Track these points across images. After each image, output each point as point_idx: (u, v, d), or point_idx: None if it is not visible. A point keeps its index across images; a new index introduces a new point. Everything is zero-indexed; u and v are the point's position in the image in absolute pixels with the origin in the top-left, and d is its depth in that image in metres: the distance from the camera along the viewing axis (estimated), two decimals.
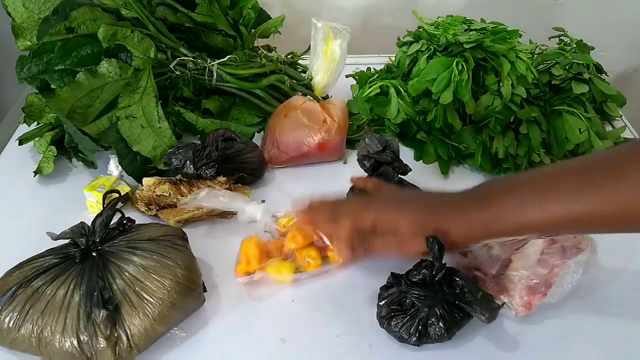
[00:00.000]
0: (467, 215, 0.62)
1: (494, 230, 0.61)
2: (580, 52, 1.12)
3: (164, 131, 0.95)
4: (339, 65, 1.05)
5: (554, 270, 0.71)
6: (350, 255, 0.68)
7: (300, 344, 0.70)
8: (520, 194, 0.59)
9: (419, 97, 1.02)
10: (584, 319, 0.73)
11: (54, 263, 0.69)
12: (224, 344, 0.70)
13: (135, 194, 0.89)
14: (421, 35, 1.08)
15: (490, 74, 1.00)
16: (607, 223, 0.58)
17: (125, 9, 1.00)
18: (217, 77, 1.03)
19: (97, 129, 0.95)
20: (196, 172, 0.88)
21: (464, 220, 0.62)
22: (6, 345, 0.66)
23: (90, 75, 0.96)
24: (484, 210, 0.61)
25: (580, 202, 0.56)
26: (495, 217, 0.60)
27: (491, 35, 1.01)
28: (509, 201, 0.59)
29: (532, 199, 0.58)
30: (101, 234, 0.71)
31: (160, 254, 0.70)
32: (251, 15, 1.16)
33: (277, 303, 0.76)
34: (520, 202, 0.59)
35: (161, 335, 0.68)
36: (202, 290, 0.73)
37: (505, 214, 0.59)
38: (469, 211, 0.62)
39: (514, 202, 0.59)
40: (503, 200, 0.60)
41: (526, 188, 0.60)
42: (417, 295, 0.67)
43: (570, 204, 0.56)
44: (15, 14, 1.01)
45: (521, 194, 0.59)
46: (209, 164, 0.88)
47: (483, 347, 0.70)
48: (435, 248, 0.68)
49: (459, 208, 0.63)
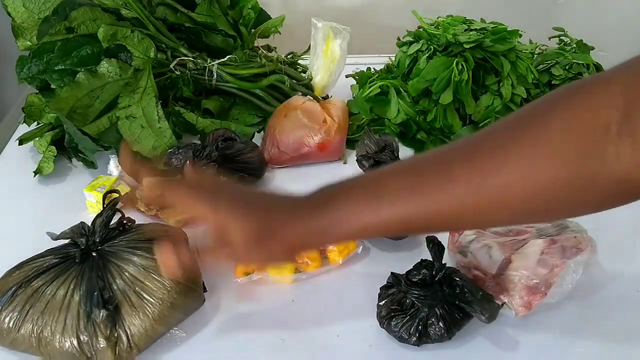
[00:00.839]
0: (306, 222, 0.55)
1: (333, 235, 0.56)
2: (580, 52, 1.12)
3: (164, 131, 0.95)
4: (339, 65, 1.06)
5: (554, 270, 0.71)
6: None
7: (300, 344, 0.70)
8: (357, 198, 0.54)
9: (419, 97, 1.02)
10: (584, 319, 0.73)
11: (54, 263, 0.69)
12: (224, 344, 0.70)
13: (135, 193, 0.89)
14: (421, 35, 1.08)
15: (490, 74, 1.00)
16: (444, 223, 0.55)
17: (125, 9, 1.00)
18: (217, 77, 1.03)
19: (97, 129, 0.95)
20: None
21: (302, 227, 0.55)
22: (6, 345, 0.66)
23: (90, 75, 0.96)
24: (323, 216, 0.55)
25: (413, 204, 0.52)
26: (334, 223, 0.54)
27: (491, 35, 1.01)
28: (347, 206, 0.54)
29: (368, 203, 0.53)
30: (101, 234, 0.71)
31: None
32: (251, 15, 1.16)
33: (277, 303, 0.76)
34: (357, 206, 0.54)
35: (161, 335, 0.68)
36: (202, 290, 0.73)
37: (344, 218, 0.54)
38: (308, 217, 0.55)
39: (352, 207, 0.54)
40: (342, 204, 0.54)
41: (365, 190, 0.55)
42: (417, 295, 0.67)
43: (404, 206, 0.52)
44: (15, 14, 1.01)
45: (358, 198, 0.54)
46: (208, 164, 0.88)
47: (483, 347, 0.70)
48: (435, 248, 0.68)
49: (298, 213, 0.56)
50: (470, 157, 0.51)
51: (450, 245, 0.79)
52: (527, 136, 0.48)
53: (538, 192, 0.48)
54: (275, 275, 0.77)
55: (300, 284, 0.78)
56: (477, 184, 0.50)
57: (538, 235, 0.76)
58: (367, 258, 0.82)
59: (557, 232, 0.76)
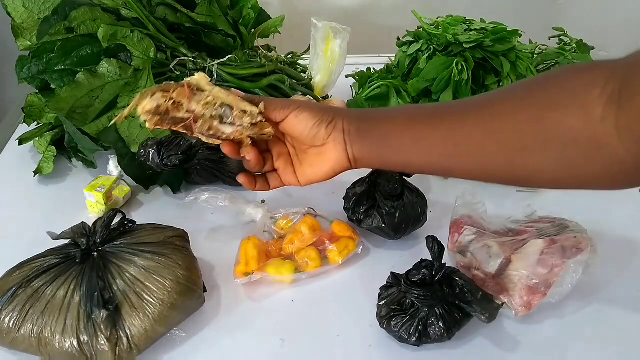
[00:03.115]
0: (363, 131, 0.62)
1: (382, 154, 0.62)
2: (580, 52, 1.12)
3: (162, 132, 0.95)
4: (339, 65, 1.06)
5: (554, 270, 0.71)
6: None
7: (300, 344, 0.70)
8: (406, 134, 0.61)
9: (419, 97, 1.02)
10: (584, 319, 0.74)
11: (55, 263, 0.69)
12: (224, 344, 0.70)
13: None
14: (421, 35, 1.08)
15: (490, 74, 1.00)
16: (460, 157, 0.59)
17: (125, 9, 1.00)
18: (217, 77, 1.03)
19: (96, 128, 0.95)
20: (162, 162, 0.88)
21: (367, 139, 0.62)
22: (6, 345, 0.66)
23: (90, 75, 0.96)
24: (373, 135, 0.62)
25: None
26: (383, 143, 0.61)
27: (491, 35, 1.01)
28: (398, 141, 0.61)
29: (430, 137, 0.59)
30: (102, 235, 0.71)
31: (161, 254, 0.70)
32: (251, 15, 1.16)
33: (277, 303, 0.76)
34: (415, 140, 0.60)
35: (161, 335, 0.68)
36: (203, 291, 0.73)
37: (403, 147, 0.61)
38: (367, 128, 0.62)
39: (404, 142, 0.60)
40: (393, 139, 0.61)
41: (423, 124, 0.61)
42: (417, 295, 0.67)
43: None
44: (15, 14, 1.01)
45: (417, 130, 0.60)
46: (175, 155, 0.88)
47: (483, 347, 0.70)
48: (436, 248, 0.68)
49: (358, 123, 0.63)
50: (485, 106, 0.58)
51: (450, 245, 0.79)
52: (534, 89, 0.55)
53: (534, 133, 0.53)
54: (275, 275, 0.77)
55: (300, 284, 0.78)
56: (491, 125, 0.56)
57: (538, 235, 0.76)
58: (367, 258, 0.82)
59: (557, 232, 0.76)
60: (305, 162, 0.66)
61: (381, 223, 0.81)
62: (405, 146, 0.60)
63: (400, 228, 0.81)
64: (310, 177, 0.66)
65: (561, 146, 0.51)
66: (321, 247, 0.80)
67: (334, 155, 0.63)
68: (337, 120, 0.62)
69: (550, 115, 0.51)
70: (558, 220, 0.79)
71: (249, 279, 0.76)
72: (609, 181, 0.52)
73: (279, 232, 0.83)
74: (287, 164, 0.67)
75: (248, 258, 0.77)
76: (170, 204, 0.93)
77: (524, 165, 0.54)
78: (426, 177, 0.97)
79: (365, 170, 0.85)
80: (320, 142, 0.63)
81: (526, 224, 0.80)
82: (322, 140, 0.62)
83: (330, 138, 0.62)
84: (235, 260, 0.79)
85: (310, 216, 0.84)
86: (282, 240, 0.82)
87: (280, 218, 0.85)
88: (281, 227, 0.83)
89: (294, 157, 0.67)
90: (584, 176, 0.52)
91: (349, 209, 0.84)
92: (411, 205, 0.82)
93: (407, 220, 0.81)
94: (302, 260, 0.78)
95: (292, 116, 0.62)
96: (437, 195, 0.92)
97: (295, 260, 0.79)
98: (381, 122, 0.62)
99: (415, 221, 0.83)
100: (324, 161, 0.64)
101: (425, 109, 0.64)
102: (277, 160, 0.67)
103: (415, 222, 0.83)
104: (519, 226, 0.80)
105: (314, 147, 0.64)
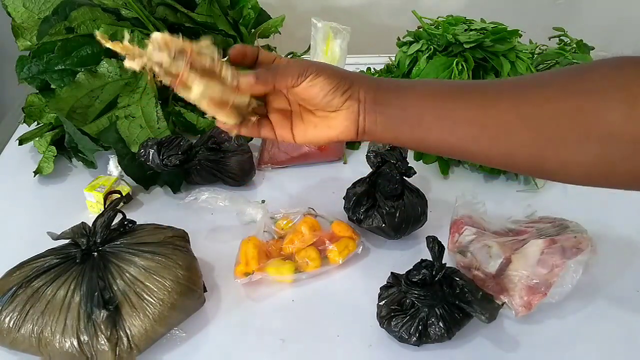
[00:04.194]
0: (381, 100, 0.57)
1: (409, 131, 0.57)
2: (580, 52, 1.11)
3: (162, 131, 0.95)
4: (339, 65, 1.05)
5: (554, 270, 0.71)
6: None
7: (300, 344, 0.70)
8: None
9: None
10: (584, 319, 0.74)
11: (55, 263, 0.69)
12: (224, 344, 0.70)
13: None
14: (421, 35, 1.08)
15: (490, 74, 1.00)
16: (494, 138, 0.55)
17: (125, 9, 1.00)
18: None
19: (96, 128, 0.95)
20: (162, 162, 0.88)
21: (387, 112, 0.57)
22: (6, 345, 0.66)
23: (90, 75, 0.96)
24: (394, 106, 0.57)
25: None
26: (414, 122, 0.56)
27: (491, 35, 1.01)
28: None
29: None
30: (102, 235, 0.71)
31: (161, 254, 0.70)
32: (251, 15, 1.16)
33: (277, 303, 0.76)
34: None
35: (161, 335, 0.68)
36: (203, 291, 0.73)
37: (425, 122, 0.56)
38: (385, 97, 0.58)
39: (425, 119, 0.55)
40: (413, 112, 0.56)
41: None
42: (417, 295, 0.67)
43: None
44: (15, 14, 1.01)
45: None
46: (175, 155, 0.88)
47: (483, 347, 0.70)
48: (436, 248, 0.68)
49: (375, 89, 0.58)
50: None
51: (450, 245, 0.79)
52: (576, 78, 0.52)
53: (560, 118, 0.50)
54: (275, 275, 0.77)
55: (300, 284, 0.78)
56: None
57: (538, 235, 0.76)
58: (367, 258, 0.82)
59: (557, 232, 0.76)
60: (309, 122, 0.60)
61: (381, 223, 0.81)
62: (424, 123, 0.55)
63: (400, 228, 0.81)
64: (311, 138, 0.61)
65: (600, 141, 0.48)
66: (321, 247, 0.80)
67: (344, 124, 0.58)
68: (354, 88, 0.57)
69: (591, 107, 0.48)
70: (558, 220, 0.79)
71: (249, 279, 0.76)
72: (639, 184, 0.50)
73: (279, 232, 0.83)
74: (284, 118, 0.61)
75: (248, 258, 0.77)
76: (170, 204, 0.93)
77: (556, 157, 0.51)
78: (426, 177, 0.97)
79: (365, 170, 0.85)
80: (333, 109, 0.58)
81: (526, 224, 0.80)
82: (335, 107, 0.57)
83: (344, 106, 0.57)
84: (235, 260, 0.79)
85: (310, 216, 0.84)
86: (282, 240, 0.82)
87: (280, 218, 0.85)
88: (281, 227, 0.83)
89: (295, 114, 0.61)
90: (620, 175, 0.50)
91: (349, 208, 0.84)
92: (411, 205, 0.82)
93: (407, 220, 0.81)
94: (302, 260, 0.78)
95: (306, 82, 0.57)
96: (437, 195, 0.92)
97: (295, 260, 0.79)
98: (401, 94, 0.57)
99: (415, 221, 0.83)
100: (330, 126, 0.59)
101: (452, 85, 0.59)
102: (273, 113, 0.61)
103: (415, 222, 0.83)
104: (519, 226, 0.80)
105: (324, 110, 0.59)
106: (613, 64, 0.50)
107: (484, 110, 0.53)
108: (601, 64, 0.51)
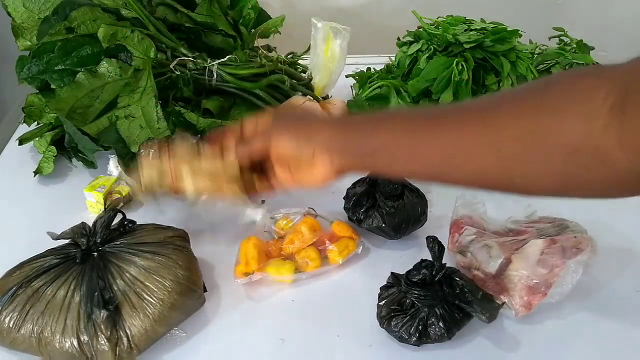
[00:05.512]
0: (348, 136, 0.62)
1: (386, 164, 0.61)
2: (580, 52, 1.12)
3: (162, 132, 0.95)
4: (339, 65, 1.05)
5: (554, 270, 0.71)
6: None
7: (300, 344, 0.70)
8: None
9: (419, 97, 1.02)
10: (584, 319, 0.73)
11: (55, 263, 0.69)
12: (224, 344, 0.70)
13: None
14: (421, 35, 1.08)
15: (490, 74, 1.00)
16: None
17: (125, 9, 1.00)
18: (217, 77, 1.03)
19: (96, 128, 0.95)
20: None
21: (341, 138, 0.62)
22: (6, 345, 0.66)
23: (90, 75, 0.96)
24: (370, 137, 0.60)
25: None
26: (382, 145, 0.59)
27: (491, 35, 1.01)
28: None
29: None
30: (102, 235, 0.71)
31: (161, 254, 0.70)
32: (251, 15, 1.16)
33: (277, 303, 0.76)
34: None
35: (162, 335, 0.68)
36: (203, 291, 0.73)
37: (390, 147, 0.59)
38: (351, 132, 0.62)
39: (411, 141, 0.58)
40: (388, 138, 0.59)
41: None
42: (417, 295, 0.67)
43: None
44: (15, 14, 1.01)
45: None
46: None
47: (483, 347, 0.70)
48: (436, 248, 0.68)
49: (338, 126, 0.63)
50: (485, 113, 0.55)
51: (450, 245, 0.79)
52: (533, 94, 0.53)
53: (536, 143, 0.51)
54: (275, 275, 0.77)
55: (300, 284, 0.78)
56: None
57: (538, 235, 0.76)
58: (367, 258, 0.82)
59: (557, 232, 0.76)
60: (298, 168, 0.65)
61: (381, 223, 0.81)
62: (398, 160, 0.59)
63: (400, 228, 0.81)
64: (304, 183, 0.65)
65: (562, 157, 0.49)
66: (321, 247, 0.80)
67: (322, 170, 0.62)
68: (317, 143, 0.62)
69: (550, 123, 0.50)
70: (558, 220, 0.79)
71: (249, 279, 0.76)
72: (609, 191, 0.51)
73: (279, 232, 0.83)
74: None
75: (248, 258, 0.77)
76: (170, 204, 0.93)
77: (523, 176, 0.53)
78: None
79: None
80: (307, 159, 0.62)
81: (526, 224, 0.80)
82: (308, 157, 0.62)
83: (316, 156, 0.62)
84: (235, 260, 0.79)
85: (310, 216, 0.84)
86: (282, 240, 0.82)
87: (280, 218, 0.85)
88: (281, 227, 0.83)
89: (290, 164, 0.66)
90: (584, 186, 0.51)
91: (349, 208, 0.84)
92: (411, 205, 0.82)
93: (407, 220, 0.81)
94: (302, 260, 0.78)
95: (272, 146, 0.64)
96: (437, 195, 0.92)
97: (295, 260, 0.79)
98: (368, 135, 0.61)
99: (415, 221, 0.83)
100: (313, 173, 0.63)
101: (418, 118, 0.61)
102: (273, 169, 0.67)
103: (415, 222, 0.83)
104: (519, 226, 0.80)
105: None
106: (572, 77, 0.52)
107: (450, 141, 0.56)
108: (561, 78, 0.53)
